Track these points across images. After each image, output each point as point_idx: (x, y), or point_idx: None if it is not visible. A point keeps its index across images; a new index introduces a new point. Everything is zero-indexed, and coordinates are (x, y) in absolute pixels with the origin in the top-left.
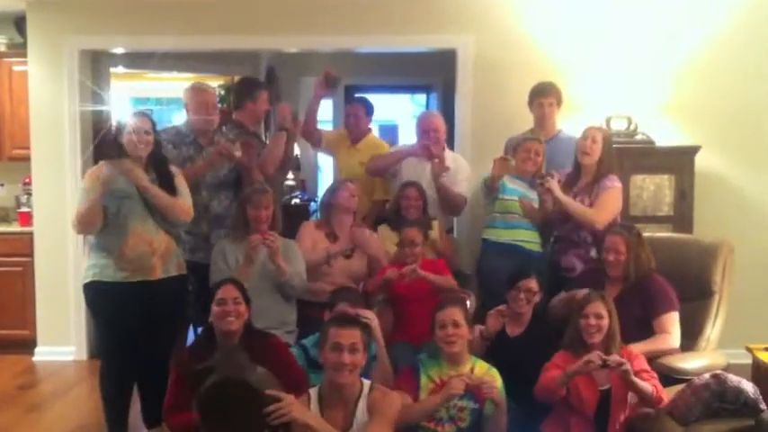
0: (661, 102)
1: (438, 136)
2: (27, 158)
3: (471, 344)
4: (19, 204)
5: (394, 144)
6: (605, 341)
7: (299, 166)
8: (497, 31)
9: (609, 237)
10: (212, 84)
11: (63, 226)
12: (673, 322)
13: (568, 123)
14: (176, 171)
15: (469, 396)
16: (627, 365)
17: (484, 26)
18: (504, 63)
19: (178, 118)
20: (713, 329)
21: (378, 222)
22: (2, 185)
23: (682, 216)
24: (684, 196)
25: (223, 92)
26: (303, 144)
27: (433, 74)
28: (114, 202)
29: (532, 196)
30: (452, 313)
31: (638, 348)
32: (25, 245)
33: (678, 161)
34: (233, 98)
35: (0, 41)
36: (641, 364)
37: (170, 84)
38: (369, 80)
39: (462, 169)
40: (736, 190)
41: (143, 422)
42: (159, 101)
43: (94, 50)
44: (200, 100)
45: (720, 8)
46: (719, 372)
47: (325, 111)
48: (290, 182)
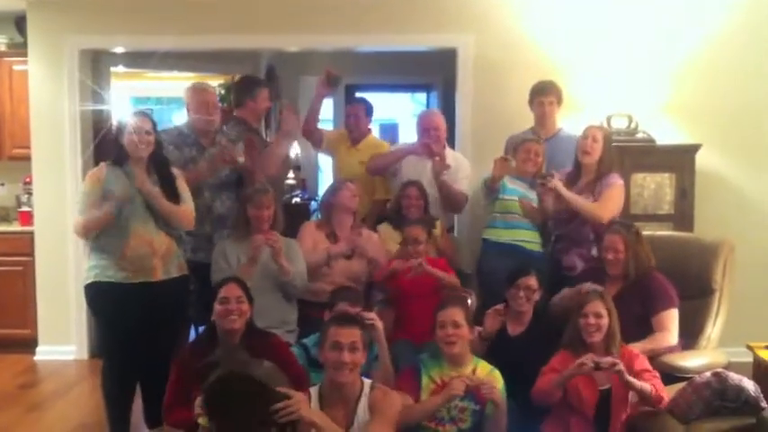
0: (661, 100)
1: (438, 134)
2: (27, 158)
3: (472, 344)
4: (19, 204)
5: (394, 144)
6: (605, 340)
7: (300, 166)
8: (498, 31)
9: (607, 236)
10: (212, 83)
11: (63, 225)
12: (671, 320)
13: (569, 122)
14: (177, 173)
15: (470, 397)
16: (620, 366)
17: (484, 25)
18: (504, 62)
19: (178, 117)
20: (714, 328)
21: (378, 222)
22: (2, 185)
23: (682, 215)
24: (685, 195)
25: (223, 91)
26: (304, 143)
27: (434, 73)
28: (115, 204)
29: (532, 196)
30: (453, 313)
31: (636, 348)
32: (26, 244)
33: (679, 160)
34: (234, 97)
35: (0, 41)
36: (642, 364)
37: (170, 83)
38: (369, 79)
39: (463, 167)
40: (736, 189)
41: (144, 422)
42: (159, 100)
43: (95, 50)
44: (200, 100)
45: (720, 7)
46: (720, 370)
47: (325, 110)
48: (291, 181)
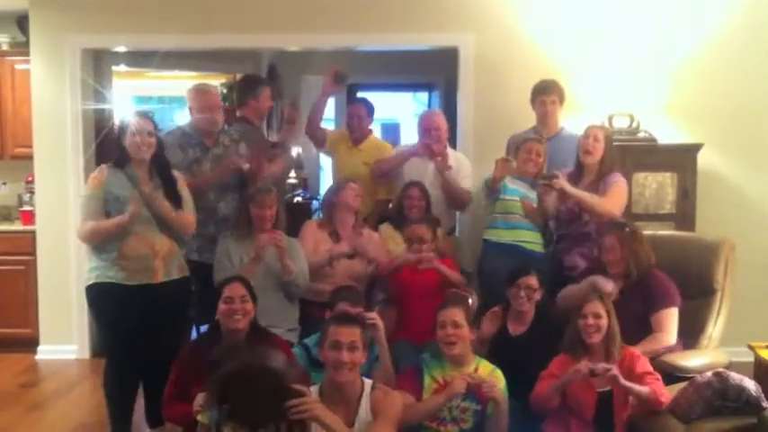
0: (663, 100)
1: (440, 134)
2: (29, 157)
3: (473, 344)
4: (21, 203)
5: (396, 144)
6: (605, 341)
7: (302, 165)
8: (499, 29)
9: (605, 237)
10: (214, 82)
11: (65, 225)
12: (670, 319)
13: (570, 121)
14: (179, 176)
15: (472, 397)
16: (614, 371)
17: (485, 24)
18: (506, 61)
19: (180, 116)
20: (715, 327)
21: (380, 222)
22: (4, 184)
23: (684, 214)
24: (687, 194)
25: (225, 90)
26: (305, 142)
27: (435, 72)
28: (117, 207)
29: (533, 196)
30: (453, 314)
31: (636, 350)
32: (28, 243)
33: (680, 159)
34: (236, 96)
35: (2, 40)
36: (644, 366)
37: (172, 82)
38: (370, 78)
39: (464, 167)
40: (738, 188)
41: (146, 422)
42: (161, 99)
43: (97, 49)
44: (203, 101)
45: (721, 7)
46: (722, 370)
47: (326, 110)
48: (293, 180)
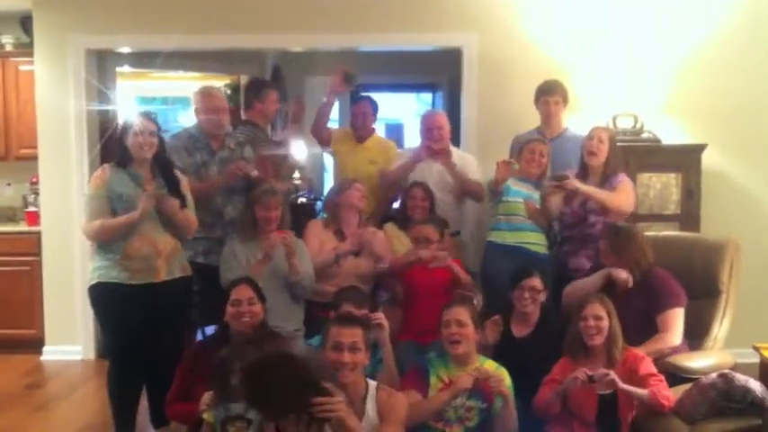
0: (667, 100)
1: (442, 133)
2: (34, 158)
3: (478, 344)
4: (26, 204)
5: (399, 143)
6: (606, 343)
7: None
8: (502, 30)
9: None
10: (218, 83)
11: (70, 225)
12: (675, 319)
13: (574, 122)
14: (181, 176)
15: (477, 396)
16: (612, 376)
17: (488, 24)
18: (509, 61)
19: (184, 117)
20: (720, 328)
21: (384, 221)
22: (9, 185)
23: (688, 214)
24: (691, 195)
25: (229, 91)
26: (309, 142)
27: (439, 72)
28: (121, 206)
29: (537, 197)
30: (458, 312)
31: (640, 351)
32: (32, 244)
33: (685, 159)
34: (242, 99)
35: (6, 41)
36: (647, 368)
37: (176, 83)
38: (374, 79)
39: (469, 163)
40: (743, 188)
41: (150, 422)
42: (165, 100)
43: (100, 50)
44: (209, 103)
45: (723, 6)
46: (726, 371)
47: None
48: (297, 181)
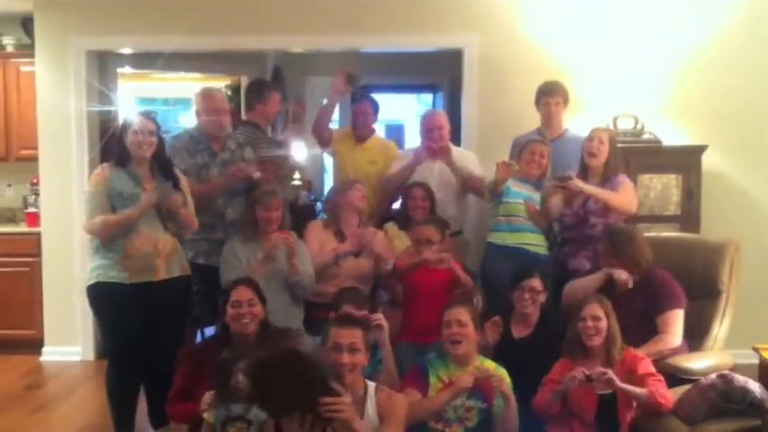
0: (667, 101)
1: (442, 133)
2: (34, 159)
3: (478, 345)
4: (26, 205)
5: (400, 144)
6: (605, 344)
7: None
8: (503, 31)
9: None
10: (219, 84)
11: (70, 226)
12: (675, 320)
13: (575, 123)
14: (180, 176)
15: (477, 396)
16: (609, 374)
17: (489, 25)
18: (510, 62)
19: (185, 118)
20: (720, 329)
21: (384, 221)
22: (9, 186)
23: (689, 215)
24: (691, 196)
25: (230, 92)
26: (310, 143)
27: (440, 73)
28: (121, 204)
29: (537, 198)
30: (458, 312)
31: (640, 352)
32: (32, 245)
33: (685, 160)
34: (244, 99)
35: (7, 42)
36: (646, 368)
37: (177, 84)
38: (375, 80)
39: (469, 159)
40: (743, 189)
41: (150, 422)
42: (166, 101)
43: (101, 51)
44: (210, 104)
45: (723, 6)
46: (726, 372)
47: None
48: (297, 182)
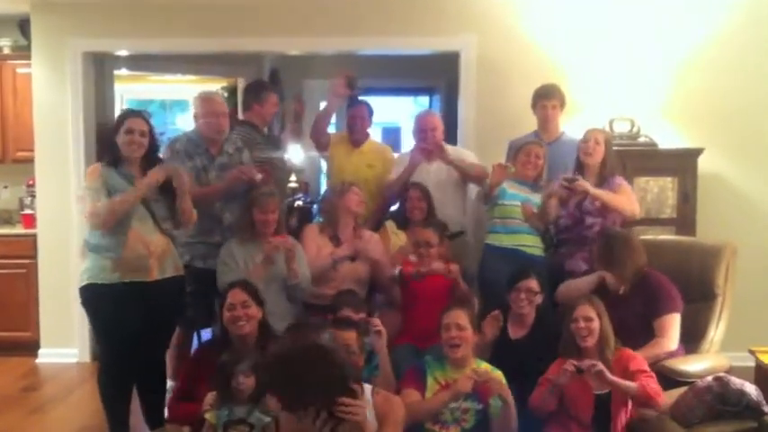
0: (664, 103)
1: (435, 134)
2: (31, 161)
3: (476, 348)
4: (22, 206)
5: (396, 147)
6: (599, 344)
7: (302, 169)
8: (500, 34)
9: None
10: (215, 86)
11: (66, 228)
12: (672, 324)
13: (571, 125)
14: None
15: (473, 397)
16: (599, 366)
17: (486, 28)
18: (507, 65)
19: (182, 120)
20: (716, 332)
21: (382, 222)
22: (5, 188)
23: (685, 218)
24: (687, 198)
25: (227, 94)
26: (307, 146)
27: (436, 76)
28: None
29: (534, 200)
30: (457, 316)
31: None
32: (29, 247)
33: (681, 163)
34: (241, 100)
35: (4, 44)
36: (638, 365)
37: (174, 86)
38: (371, 82)
39: (467, 155)
40: (739, 192)
41: (146, 423)
42: (163, 103)
43: (98, 53)
44: (208, 107)
45: (721, 8)
46: (722, 374)
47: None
48: (293, 184)
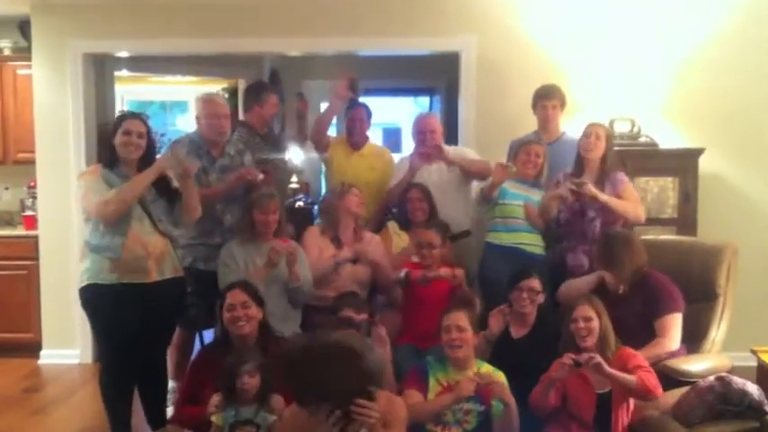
0: (665, 103)
1: (435, 137)
2: (32, 162)
3: (476, 350)
4: (24, 208)
5: (397, 148)
6: (599, 344)
7: (303, 170)
8: (500, 34)
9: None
10: (216, 87)
11: (68, 229)
12: (673, 324)
13: (572, 126)
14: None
15: (475, 399)
16: (598, 359)
17: (486, 29)
18: (507, 65)
19: (182, 121)
20: (718, 332)
21: (384, 223)
22: (7, 189)
23: (686, 218)
24: (688, 198)
25: (227, 95)
26: (307, 146)
27: (437, 76)
28: None
29: (535, 198)
30: (457, 317)
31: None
32: (30, 248)
33: (682, 163)
34: (243, 101)
35: (5, 45)
36: (636, 361)
37: (174, 87)
38: (371, 83)
39: (467, 152)
40: (740, 192)
41: (147, 424)
42: (163, 104)
43: (98, 54)
44: (210, 109)
45: (721, 8)
46: (724, 374)
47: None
48: (294, 185)
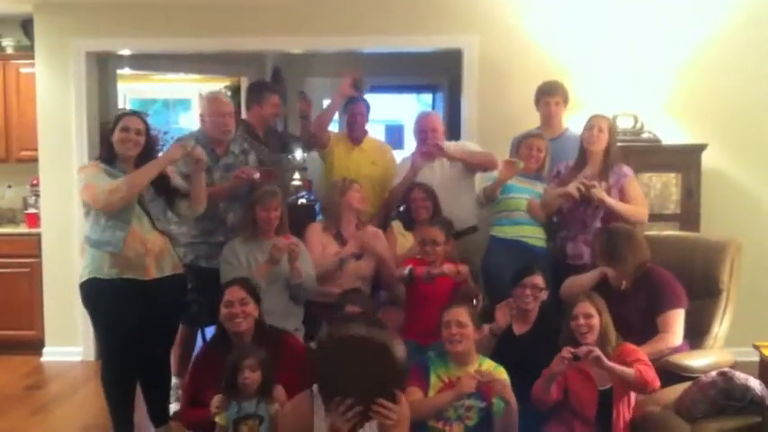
0: (667, 100)
1: (436, 135)
2: (34, 160)
3: (480, 343)
4: (26, 206)
5: (399, 144)
6: (599, 341)
7: (306, 167)
8: (503, 31)
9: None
10: (218, 85)
11: (70, 227)
12: (676, 320)
13: (574, 122)
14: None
15: (477, 395)
16: (596, 352)
17: (489, 26)
18: (510, 62)
19: (185, 119)
20: (720, 327)
21: (388, 221)
22: (9, 187)
23: (689, 214)
24: (691, 194)
25: (229, 93)
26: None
27: (439, 73)
28: None
29: (538, 191)
30: (457, 313)
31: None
32: (33, 246)
33: (685, 159)
34: (245, 100)
35: (7, 44)
36: (635, 355)
37: (176, 85)
38: (374, 80)
39: (470, 147)
40: (743, 188)
41: (150, 421)
42: (166, 102)
43: (101, 52)
44: (215, 107)
45: (723, 5)
46: (726, 369)
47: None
48: (297, 182)
